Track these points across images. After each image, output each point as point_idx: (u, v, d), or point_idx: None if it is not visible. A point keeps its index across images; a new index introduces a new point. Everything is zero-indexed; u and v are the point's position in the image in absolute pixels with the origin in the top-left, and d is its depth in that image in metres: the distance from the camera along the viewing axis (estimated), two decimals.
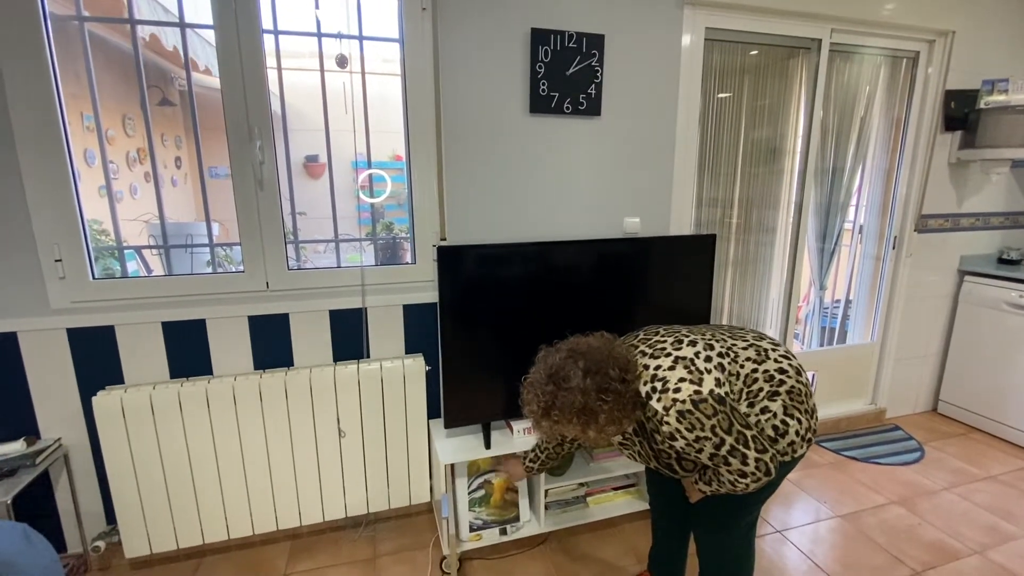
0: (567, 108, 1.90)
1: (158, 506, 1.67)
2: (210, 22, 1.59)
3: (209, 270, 1.87)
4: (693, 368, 1.10)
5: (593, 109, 1.93)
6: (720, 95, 2.25)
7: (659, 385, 1.09)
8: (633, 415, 1.11)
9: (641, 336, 1.26)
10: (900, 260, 2.65)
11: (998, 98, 2.40)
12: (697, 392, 1.06)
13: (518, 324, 1.79)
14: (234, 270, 1.79)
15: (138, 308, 1.67)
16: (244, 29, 1.61)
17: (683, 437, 1.06)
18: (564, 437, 1.52)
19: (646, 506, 1.97)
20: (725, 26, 2.10)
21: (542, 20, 1.82)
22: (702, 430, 1.04)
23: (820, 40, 2.26)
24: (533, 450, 1.62)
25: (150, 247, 2.82)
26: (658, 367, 1.12)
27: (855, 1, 2.19)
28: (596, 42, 1.87)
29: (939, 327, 2.85)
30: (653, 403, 1.08)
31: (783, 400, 1.17)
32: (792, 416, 1.16)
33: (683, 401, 1.05)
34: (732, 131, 2.30)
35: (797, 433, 1.16)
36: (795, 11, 2.13)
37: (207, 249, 2.10)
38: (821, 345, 2.79)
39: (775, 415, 1.16)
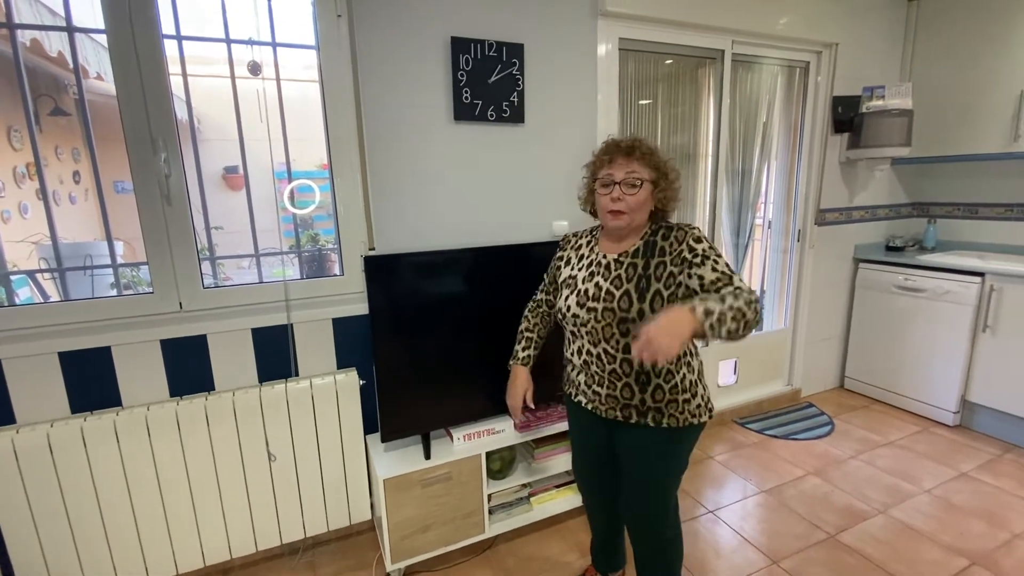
0: (491, 116, 1.92)
1: (64, 556, 1.52)
2: (101, 26, 1.48)
3: (114, 293, 1.73)
4: None
5: (517, 117, 1.97)
6: (640, 102, 2.36)
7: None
8: (675, 204, 1.33)
9: None
10: (804, 251, 2.90)
11: (877, 103, 2.69)
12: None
13: (451, 331, 1.78)
14: (143, 291, 1.67)
15: (28, 339, 1.51)
16: (141, 34, 1.50)
17: (706, 240, 1.24)
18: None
19: None
20: (637, 37, 2.21)
21: (461, 28, 1.84)
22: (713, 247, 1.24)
23: (723, 51, 2.43)
24: (520, 342, 1.56)
25: (42, 271, 2.55)
26: None
27: (752, 15, 2.38)
28: (516, 51, 1.91)
29: (841, 310, 3.13)
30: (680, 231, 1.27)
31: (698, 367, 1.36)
32: (701, 383, 1.34)
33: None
34: (650, 136, 2.42)
35: (703, 398, 1.32)
36: (699, 24, 2.28)
37: (110, 270, 1.94)
38: None
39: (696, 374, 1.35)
